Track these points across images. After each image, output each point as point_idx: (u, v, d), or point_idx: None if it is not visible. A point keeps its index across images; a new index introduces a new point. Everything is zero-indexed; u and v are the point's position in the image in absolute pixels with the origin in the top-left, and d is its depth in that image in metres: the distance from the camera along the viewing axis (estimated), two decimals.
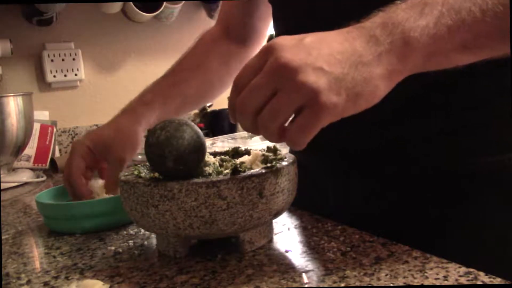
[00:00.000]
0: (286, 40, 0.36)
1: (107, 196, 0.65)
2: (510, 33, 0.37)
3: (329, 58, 0.35)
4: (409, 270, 0.40)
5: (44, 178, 1.11)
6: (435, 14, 0.36)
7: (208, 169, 0.49)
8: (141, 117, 0.67)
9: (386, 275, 0.40)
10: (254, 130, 0.38)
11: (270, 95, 0.36)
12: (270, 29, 0.80)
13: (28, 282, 0.46)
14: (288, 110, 0.36)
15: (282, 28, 0.66)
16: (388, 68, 0.36)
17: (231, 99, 0.39)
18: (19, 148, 1.12)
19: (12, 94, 1.08)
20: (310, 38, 0.37)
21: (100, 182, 0.67)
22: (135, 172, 0.51)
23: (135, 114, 0.67)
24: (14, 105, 1.07)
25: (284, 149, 0.66)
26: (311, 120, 0.36)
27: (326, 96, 0.34)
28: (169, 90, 0.72)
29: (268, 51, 0.36)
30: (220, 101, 1.58)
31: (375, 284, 0.38)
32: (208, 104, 1.62)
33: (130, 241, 0.56)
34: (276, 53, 0.35)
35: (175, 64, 0.77)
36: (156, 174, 0.49)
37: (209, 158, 0.50)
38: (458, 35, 0.36)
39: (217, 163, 0.50)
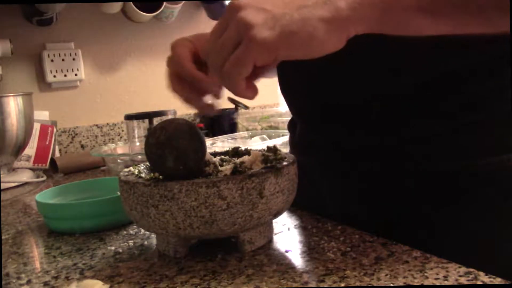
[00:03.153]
0: None
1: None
2: (511, 30, 0.37)
3: (276, 2, 0.37)
4: (409, 270, 0.40)
5: (44, 178, 1.11)
6: None
7: (208, 169, 0.49)
8: None
9: (386, 275, 0.40)
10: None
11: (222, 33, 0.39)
12: None
13: (28, 282, 0.46)
14: (230, 45, 0.38)
15: None
16: (333, 13, 0.35)
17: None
18: (19, 148, 1.12)
19: (12, 94, 1.08)
20: None
21: None
22: (135, 172, 0.51)
23: None
24: (14, 105, 1.07)
25: (284, 149, 0.66)
26: (243, 54, 0.37)
27: (257, 30, 0.35)
28: None
29: None
30: (220, 101, 1.58)
31: (375, 284, 0.38)
32: None
33: (130, 241, 0.56)
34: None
35: None
36: (156, 174, 0.49)
37: (209, 158, 0.50)
38: None
39: (217, 163, 0.50)
